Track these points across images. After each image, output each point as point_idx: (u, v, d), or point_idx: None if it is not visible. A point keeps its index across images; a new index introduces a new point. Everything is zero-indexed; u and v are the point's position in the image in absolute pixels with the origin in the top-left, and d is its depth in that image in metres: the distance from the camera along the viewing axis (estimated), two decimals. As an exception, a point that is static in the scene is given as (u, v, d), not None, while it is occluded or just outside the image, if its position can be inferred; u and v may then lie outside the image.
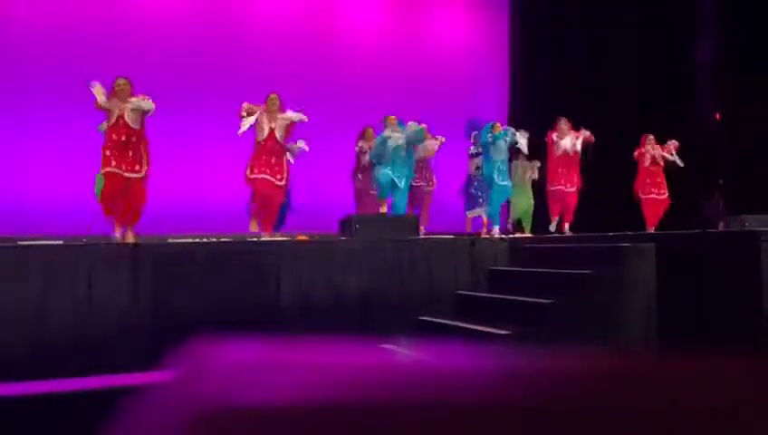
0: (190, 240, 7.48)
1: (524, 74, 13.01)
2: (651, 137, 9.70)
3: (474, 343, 5.32)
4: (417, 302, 6.82)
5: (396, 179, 8.30)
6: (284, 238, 7.68)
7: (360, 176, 9.54)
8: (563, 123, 9.34)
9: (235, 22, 11.83)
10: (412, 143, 8.40)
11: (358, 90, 12.23)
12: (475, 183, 9.65)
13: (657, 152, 9.63)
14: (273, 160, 7.49)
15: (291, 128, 7.67)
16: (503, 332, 5.33)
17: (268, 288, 6.40)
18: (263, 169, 7.43)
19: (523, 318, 5.57)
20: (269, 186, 7.46)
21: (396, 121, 8.48)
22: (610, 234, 7.30)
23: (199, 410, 0.64)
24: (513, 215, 10.13)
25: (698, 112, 12.25)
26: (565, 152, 9.25)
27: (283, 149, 7.64)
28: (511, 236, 8.62)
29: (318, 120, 9.15)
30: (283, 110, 7.62)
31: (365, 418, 0.64)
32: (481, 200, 9.46)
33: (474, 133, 9.74)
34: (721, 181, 10.78)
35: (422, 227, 8.52)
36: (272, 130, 7.48)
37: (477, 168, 9.49)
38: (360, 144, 9.52)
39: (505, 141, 8.78)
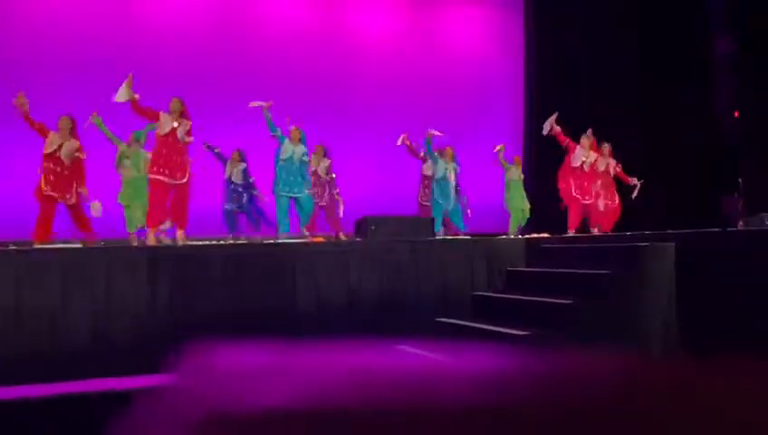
0: (207, 243, 7.50)
1: (539, 81, 12.95)
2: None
3: (491, 344, 5.29)
4: (434, 303, 6.80)
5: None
6: (300, 240, 7.69)
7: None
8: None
9: (249, 26, 11.88)
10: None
11: (372, 94, 12.23)
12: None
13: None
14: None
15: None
16: (521, 333, 5.30)
17: (284, 290, 6.41)
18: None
19: (542, 319, 5.52)
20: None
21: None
22: (629, 233, 7.24)
23: (204, 413, 0.63)
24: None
25: (716, 110, 12.14)
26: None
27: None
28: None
29: (332, 123, 9.19)
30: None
31: (369, 421, 0.63)
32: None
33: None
34: (740, 180, 10.67)
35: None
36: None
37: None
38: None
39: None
